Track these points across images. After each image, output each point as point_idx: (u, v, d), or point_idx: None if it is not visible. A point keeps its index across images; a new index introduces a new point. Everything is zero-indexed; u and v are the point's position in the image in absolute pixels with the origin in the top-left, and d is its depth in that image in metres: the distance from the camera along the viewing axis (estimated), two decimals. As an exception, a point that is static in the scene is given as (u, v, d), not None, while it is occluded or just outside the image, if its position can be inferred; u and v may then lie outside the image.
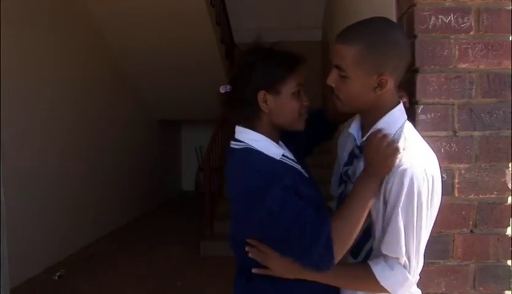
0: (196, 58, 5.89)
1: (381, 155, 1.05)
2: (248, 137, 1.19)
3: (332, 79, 1.12)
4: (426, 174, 1.04)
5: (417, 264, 1.07)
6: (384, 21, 1.11)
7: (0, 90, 3.42)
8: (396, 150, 1.04)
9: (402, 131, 1.11)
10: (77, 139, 5.05)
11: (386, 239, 1.06)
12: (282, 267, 1.14)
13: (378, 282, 1.06)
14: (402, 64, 1.09)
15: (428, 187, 1.04)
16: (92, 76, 5.41)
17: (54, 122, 4.57)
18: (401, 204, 1.03)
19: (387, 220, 1.07)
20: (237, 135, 1.22)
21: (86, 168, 5.26)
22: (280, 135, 1.24)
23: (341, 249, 1.05)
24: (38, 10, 4.26)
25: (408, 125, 1.14)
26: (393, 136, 1.10)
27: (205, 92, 6.66)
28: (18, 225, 3.72)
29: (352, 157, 1.20)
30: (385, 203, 1.08)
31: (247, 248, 1.17)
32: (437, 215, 1.11)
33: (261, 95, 1.16)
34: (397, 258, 1.05)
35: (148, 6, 5.00)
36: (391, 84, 1.08)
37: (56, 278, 4.08)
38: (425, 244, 1.09)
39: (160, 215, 7.18)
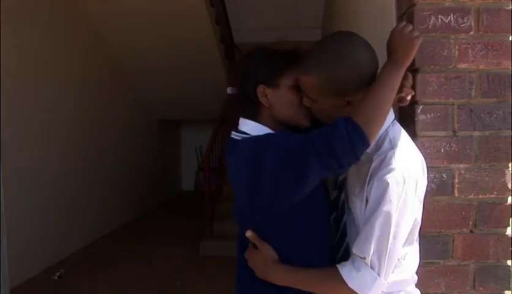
0: (196, 58, 5.89)
1: (405, 40, 1.04)
2: (252, 129, 1.18)
3: (305, 102, 1.15)
4: (407, 178, 1.03)
5: (391, 266, 1.05)
6: (341, 39, 1.10)
7: (0, 90, 3.42)
8: (419, 36, 1.04)
9: (387, 133, 1.10)
10: (77, 139, 5.05)
11: (359, 237, 1.06)
12: (257, 266, 1.15)
13: (346, 284, 1.05)
14: (368, 75, 1.07)
15: (409, 190, 1.04)
16: (92, 76, 5.41)
17: (54, 122, 4.57)
18: (380, 206, 1.03)
19: (365, 220, 1.06)
20: (241, 127, 1.21)
21: (86, 168, 5.26)
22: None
23: (368, 128, 0.99)
24: (38, 10, 4.26)
25: (395, 126, 1.13)
26: (379, 138, 1.09)
27: (205, 92, 6.69)
28: (18, 225, 3.72)
29: None
30: (367, 201, 1.08)
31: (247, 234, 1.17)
32: (437, 215, 1.11)
33: (260, 89, 1.16)
34: (364, 258, 1.04)
35: (148, 6, 5.01)
36: (361, 96, 1.08)
37: (56, 278, 4.08)
38: (401, 247, 1.07)
39: (159, 215, 7.19)
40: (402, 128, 1.14)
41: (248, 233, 1.14)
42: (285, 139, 1.09)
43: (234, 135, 1.21)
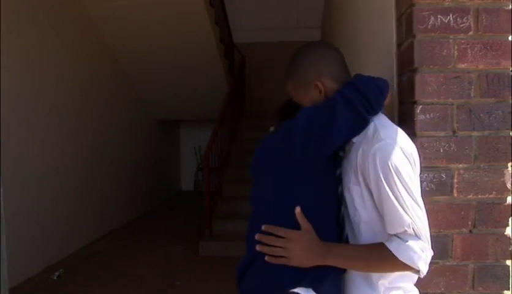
0: (195, 58, 5.90)
1: None
2: None
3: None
4: (397, 146, 1.08)
5: (426, 230, 1.08)
6: (302, 47, 1.28)
7: (0, 90, 3.42)
8: None
9: (373, 121, 1.16)
10: (77, 139, 5.05)
11: (386, 219, 1.08)
12: (299, 249, 1.11)
13: (396, 258, 1.06)
14: (325, 64, 1.23)
15: (402, 156, 1.08)
16: (92, 76, 5.41)
17: (54, 122, 4.57)
18: (383, 181, 1.07)
19: (379, 202, 1.09)
20: None
21: (86, 168, 5.26)
22: None
23: None
24: (38, 10, 4.27)
25: (381, 116, 1.20)
26: (366, 128, 1.17)
27: (204, 92, 6.69)
28: (18, 225, 3.72)
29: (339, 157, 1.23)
30: (367, 186, 1.11)
31: (257, 236, 1.15)
32: (436, 215, 1.11)
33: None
34: (405, 231, 1.06)
35: (148, 6, 5.01)
36: (328, 83, 1.22)
37: (55, 277, 4.08)
38: (424, 210, 1.09)
39: (159, 215, 7.19)
40: (387, 118, 1.21)
41: (298, 210, 1.13)
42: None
43: None
